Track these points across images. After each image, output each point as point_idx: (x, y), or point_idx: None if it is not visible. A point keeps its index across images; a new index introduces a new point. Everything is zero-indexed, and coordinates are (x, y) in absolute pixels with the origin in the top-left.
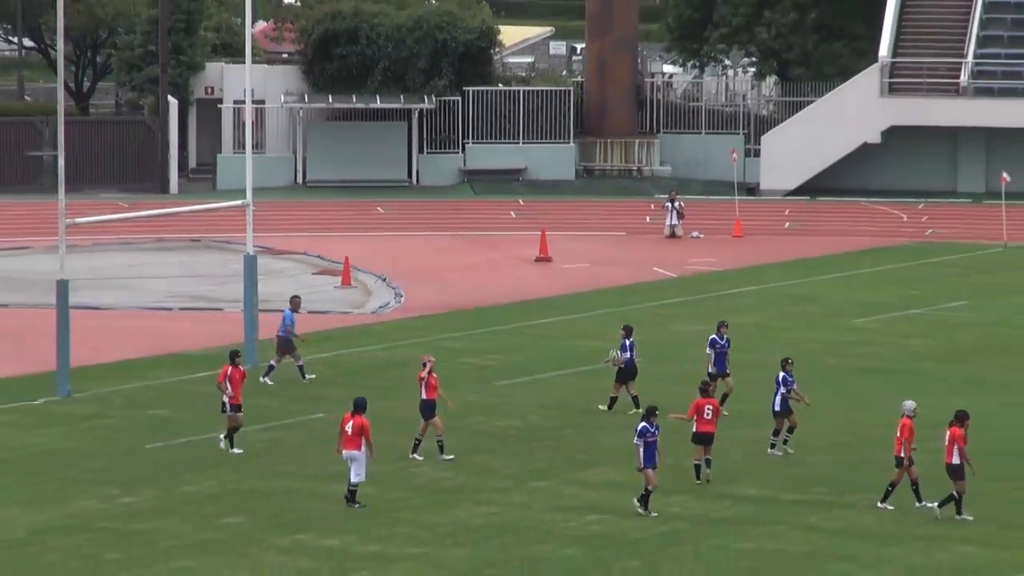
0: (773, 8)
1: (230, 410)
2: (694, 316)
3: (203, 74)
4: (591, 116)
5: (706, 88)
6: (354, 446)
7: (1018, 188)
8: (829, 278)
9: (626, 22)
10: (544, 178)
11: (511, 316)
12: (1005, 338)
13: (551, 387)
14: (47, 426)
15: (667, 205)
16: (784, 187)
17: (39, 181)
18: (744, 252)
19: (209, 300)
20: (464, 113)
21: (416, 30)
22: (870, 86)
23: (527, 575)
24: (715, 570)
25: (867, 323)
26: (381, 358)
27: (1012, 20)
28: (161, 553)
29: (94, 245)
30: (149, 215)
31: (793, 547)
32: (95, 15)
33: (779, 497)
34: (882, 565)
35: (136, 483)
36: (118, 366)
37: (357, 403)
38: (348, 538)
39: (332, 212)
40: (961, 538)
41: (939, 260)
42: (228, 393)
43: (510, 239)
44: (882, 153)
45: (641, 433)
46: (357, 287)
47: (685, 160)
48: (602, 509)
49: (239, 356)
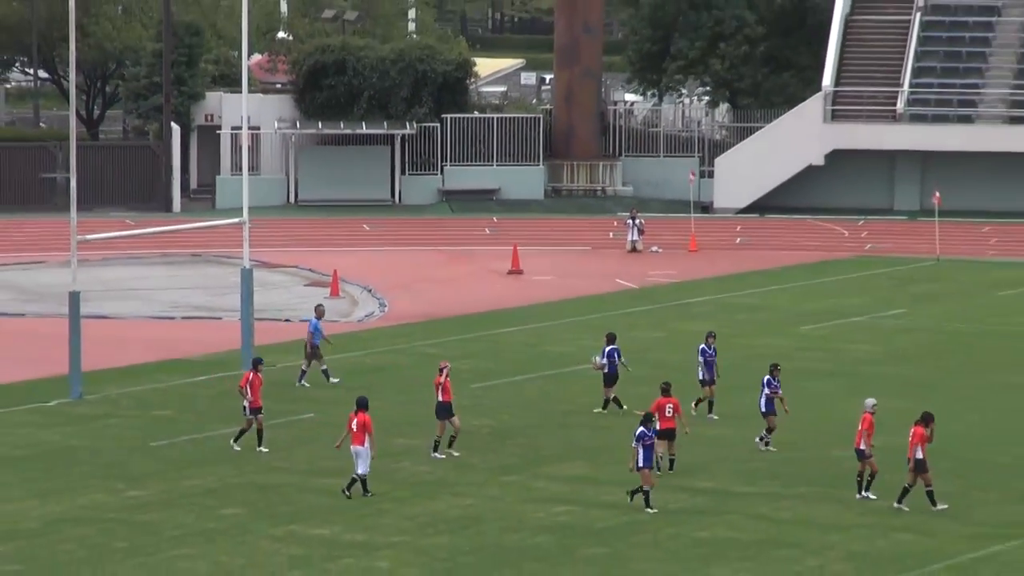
0: (726, 42)
1: (249, 412)
2: (654, 324)
3: (203, 103)
4: (559, 141)
5: (664, 115)
6: (359, 441)
7: (950, 206)
8: (777, 288)
9: (591, 55)
10: (516, 197)
11: (485, 324)
12: (939, 343)
13: (522, 389)
14: (60, 425)
15: (629, 222)
16: (736, 205)
17: (53, 201)
18: (699, 265)
19: (209, 310)
20: (442, 138)
21: (398, 62)
22: (814, 113)
23: (500, 562)
24: (673, 556)
25: (813, 330)
26: (367, 363)
27: (944, 52)
28: (165, 542)
29: (103, 260)
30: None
31: (745, 535)
32: (104, 49)
33: (732, 489)
34: (826, 551)
35: (142, 478)
36: (126, 370)
37: (359, 401)
38: (336, 528)
39: (322, 229)
40: (898, 527)
41: (878, 272)
42: (248, 397)
43: (485, 253)
44: (825, 174)
45: (639, 437)
46: (345, 297)
47: (645, 181)
48: (569, 501)
49: (261, 364)
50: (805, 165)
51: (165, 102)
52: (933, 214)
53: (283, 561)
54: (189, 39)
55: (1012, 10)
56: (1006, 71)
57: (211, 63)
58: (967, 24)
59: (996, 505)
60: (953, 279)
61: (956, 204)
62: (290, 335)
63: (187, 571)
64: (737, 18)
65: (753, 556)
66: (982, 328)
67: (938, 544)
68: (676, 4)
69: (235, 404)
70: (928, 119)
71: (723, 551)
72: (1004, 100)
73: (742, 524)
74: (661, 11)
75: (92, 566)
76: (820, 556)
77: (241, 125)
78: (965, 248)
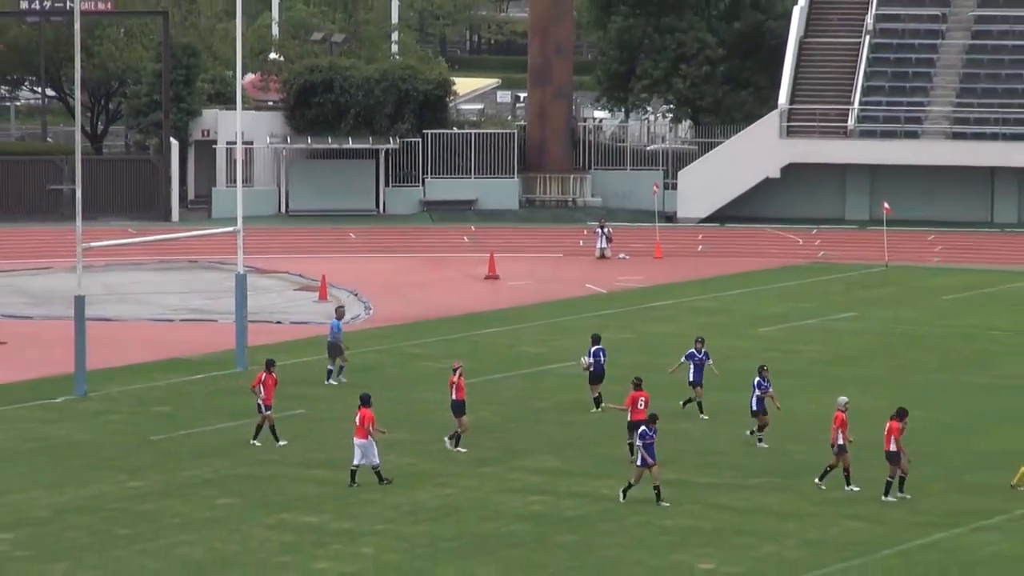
0: (688, 63)
1: (264, 410)
2: (622, 326)
3: (200, 119)
4: (532, 155)
5: (631, 131)
6: (362, 435)
7: (897, 216)
8: (736, 293)
9: (563, 75)
10: (492, 208)
11: (464, 326)
12: (887, 344)
13: (499, 387)
14: (66, 421)
15: (598, 231)
16: (698, 215)
17: (59, 211)
18: (664, 271)
19: (206, 312)
20: (424, 152)
21: (383, 81)
22: (771, 129)
23: (478, 548)
24: (639, 543)
25: (769, 332)
26: (354, 362)
27: (892, 72)
28: (164, 529)
29: (107, 266)
30: (154, 240)
31: (706, 523)
32: (108, 69)
33: (694, 480)
34: (782, 538)
35: (143, 469)
36: (127, 369)
37: (362, 397)
38: (324, 516)
39: (311, 237)
40: (850, 515)
41: (830, 278)
42: (261, 396)
43: (463, 260)
44: (781, 186)
45: (641, 436)
46: (332, 301)
47: (613, 192)
48: (542, 491)
49: (274, 365)
50: (762, 178)
51: (164, 118)
52: (882, 223)
53: (275, 547)
54: (187, 60)
55: (955, 33)
56: (949, 90)
57: (207, 82)
58: (913, 46)
59: (941, 495)
60: (901, 284)
61: (903, 214)
62: (281, 336)
63: (185, 557)
64: (699, 41)
65: (714, 543)
66: (928, 330)
67: (887, 531)
68: (642, 28)
69: (229, 401)
70: (877, 134)
71: (686, 538)
72: (948, 117)
73: (704, 513)
74: (628, 34)
75: (96, 552)
76: (776, 543)
77: (235, 140)
78: (912, 255)
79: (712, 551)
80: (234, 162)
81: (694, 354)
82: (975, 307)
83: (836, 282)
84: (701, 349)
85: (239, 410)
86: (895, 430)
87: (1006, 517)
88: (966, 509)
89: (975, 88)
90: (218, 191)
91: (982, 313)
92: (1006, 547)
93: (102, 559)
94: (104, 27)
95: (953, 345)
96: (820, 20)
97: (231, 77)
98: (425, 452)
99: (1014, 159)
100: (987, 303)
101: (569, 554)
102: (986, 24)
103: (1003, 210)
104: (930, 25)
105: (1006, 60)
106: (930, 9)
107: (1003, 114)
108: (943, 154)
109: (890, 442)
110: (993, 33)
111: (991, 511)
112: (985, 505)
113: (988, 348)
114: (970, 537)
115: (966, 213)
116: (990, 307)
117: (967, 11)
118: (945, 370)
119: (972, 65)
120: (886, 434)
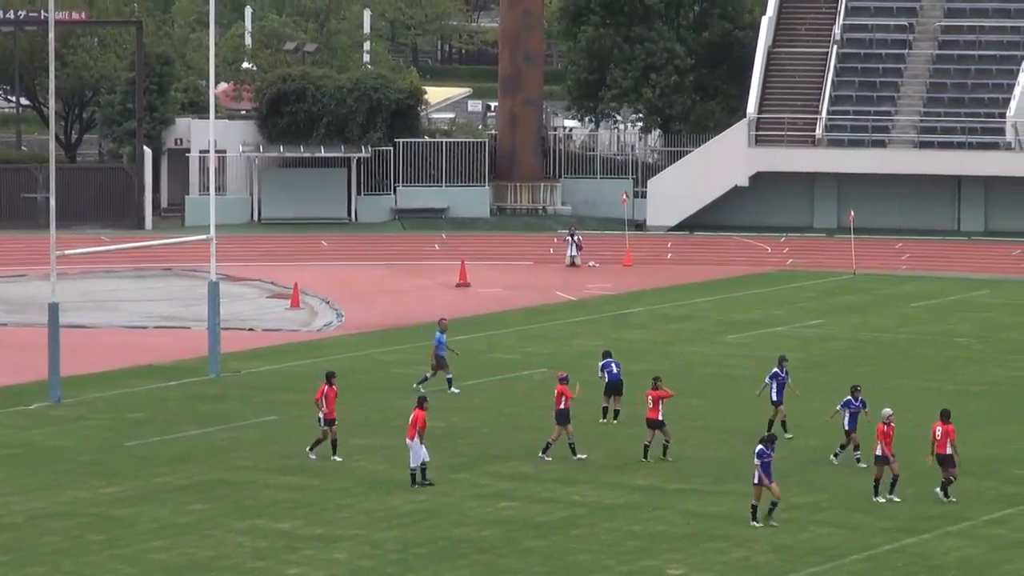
0: (657, 72)
1: (324, 424)
2: (592, 333)
3: (173, 128)
4: (503, 163)
5: (601, 139)
6: (411, 435)
7: (865, 224)
8: (706, 300)
9: (533, 84)
10: (463, 216)
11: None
12: (855, 350)
13: (470, 393)
14: (41, 427)
15: (568, 239)
16: (667, 223)
17: (34, 219)
18: (633, 279)
19: (179, 319)
20: (395, 160)
21: (355, 90)
22: (739, 138)
23: (450, 553)
24: (609, 548)
25: (738, 339)
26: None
27: (859, 82)
28: (139, 535)
29: (81, 273)
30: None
31: (675, 529)
32: (82, 78)
33: (664, 486)
34: (751, 544)
35: (117, 475)
36: (101, 376)
37: (418, 399)
38: (297, 522)
39: (283, 245)
40: (820, 521)
41: (798, 285)
42: (323, 409)
43: (435, 268)
44: (750, 195)
45: (759, 455)
46: (305, 308)
47: (583, 200)
48: (513, 497)
49: (335, 377)
50: (731, 186)
51: (138, 127)
52: (849, 231)
53: (248, 553)
54: (160, 69)
55: (922, 43)
56: (916, 100)
57: (181, 91)
58: (880, 56)
59: (909, 501)
60: (868, 292)
61: (871, 222)
62: (255, 343)
63: (159, 562)
64: (668, 51)
65: (683, 548)
66: (895, 337)
67: (856, 537)
68: (611, 38)
69: (203, 407)
70: (845, 143)
71: (655, 544)
72: (914, 126)
73: (673, 519)
74: (597, 44)
75: (72, 557)
76: (746, 548)
77: (208, 148)
78: (879, 263)
79: (682, 556)
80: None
81: (777, 374)
82: (942, 314)
83: (804, 289)
84: (784, 368)
85: (212, 416)
86: (950, 433)
87: (973, 522)
88: (934, 514)
89: (942, 98)
90: (191, 199)
91: (948, 320)
92: (973, 552)
93: (78, 564)
94: (78, 36)
95: (920, 352)
96: (788, 30)
97: (204, 86)
98: (397, 459)
99: (980, 168)
100: (953, 310)
101: (540, 559)
102: (952, 34)
103: (969, 218)
104: (897, 35)
105: (972, 70)
106: (897, 19)
107: (969, 123)
108: (910, 163)
109: (946, 445)
110: (959, 43)
111: (959, 517)
112: (953, 511)
113: (954, 355)
114: (938, 542)
115: (933, 221)
116: (956, 314)
117: (934, 21)
118: (912, 376)
119: (939, 75)
120: (940, 437)
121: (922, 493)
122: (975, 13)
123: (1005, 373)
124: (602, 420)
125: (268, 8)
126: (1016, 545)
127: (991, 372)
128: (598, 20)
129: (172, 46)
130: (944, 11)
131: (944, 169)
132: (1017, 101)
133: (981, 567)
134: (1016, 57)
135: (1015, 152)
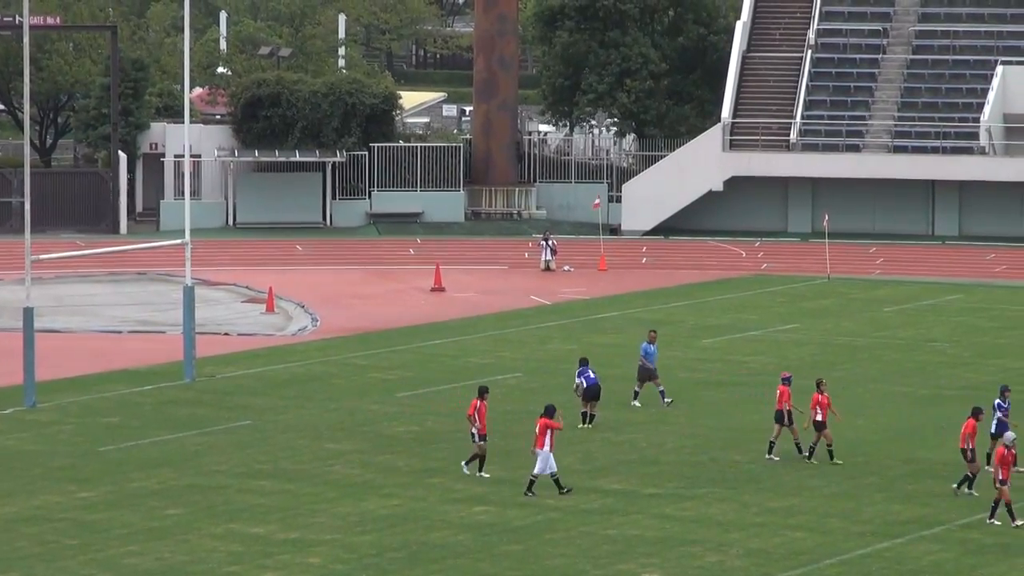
0: (632, 77)
1: (478, 439)
2: (566, 337)
3: (148, 132)
4: (478, 168)
5: (576, 144)
6: (540, 444)
7: (839, 228)
8: (680, 305)
9: (508, 89)
10: (438, 220)
11: (410, 337)
12: (829, 354)
13: (445, 397)
14: (15, 432)
15: (542, 243)
16: (642, 228)
17: (9, 223)
18: (608, 283)
19: (154, 324)
20: (370, 165)
21: (329, 95)
22: (714, 142)
23: (425, 558)
24: (584, 552)
25: (713, 343)
26: (301, 373)
27: (833, 87)
28: (113, 540)
29: (56, 278)
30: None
31: (649, 533)
32: (57, 82)
33: (639, 491)
34: (725, 548)
35: (91, 480)
36: (76, 381)
37: (546, 408)
38: (271, 527)
39: (258, 249)
40: (793, 525)
41: (773, 290)
42: (476, 425)
43: (409, 272)
44: (724, 199)
45: None
46: (280, 313)
47: (558, 205)
48: (488, 501)
49: (487, 392)
50: (706, 190)
51: (113, 132)
52: (823, 236)
53: (222, 558)
54: (135, 73)
55: (896, 48)
56: (890, 104)
57: (155, 96)
58: (854, 61)
59: (883, 504)
60: (842, 296)
61: (845, 227)
62: (229, 348)
63: (133, 567)
64: (642, 56)
65: (658, 553)
66: (869, 341)
67: (830, 541)
68: (586, 43)
69: (177, 412)
70: (819, 148)
71: (630, 548)
72: (888, 131)
73: (648, 523)
74: (572, 49)
75: (46, 562)
76: (720, 553)
77: (183, 153)
78: (853, 267)
79: (657, 561)
80: (182, 175)
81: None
82: (915, 319)
83: (779, 294)
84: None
85: (187, 421)
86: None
87: (947, 527)
88: (907, 519)
89: (916, 102)
90: (166, 204)
91: (922, 324)
92: (947, 556)
93: (51, 569)
94: (53, 41)
95: (894, 356)
96: (762, 35)
97: (179, 91)
98: (370, 463)
99: (954, 172)
100: (927, 315)
101: (515, 563)
102: (926, 39)
103: (943, 223)
104: (871, 40)
105: (946, 75)
106: (871, 24)
107: (943, 128)
108: (884, 167)
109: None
110: (933, 48)
111: (932, 521)
112: (926, 515)
113: (928, 359)
114: (911, 547)
115: (907, 226)
116: (930, 319)
117: (908, 27)
118: (886, 381)
119: (913, 80)
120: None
121: (894, 496)
122: (949, 18)
123: (979, 377)
124: (580, 426)
125: (243, 13)
126: (988, 550)
127: (965, 376)
128: (573, 25)
129: (147, 51)
130: (918, 16)
131: (918, 174)
132: (991, 106)
133: (954, 572)
134: (989, 62)
135: (989, 157)
